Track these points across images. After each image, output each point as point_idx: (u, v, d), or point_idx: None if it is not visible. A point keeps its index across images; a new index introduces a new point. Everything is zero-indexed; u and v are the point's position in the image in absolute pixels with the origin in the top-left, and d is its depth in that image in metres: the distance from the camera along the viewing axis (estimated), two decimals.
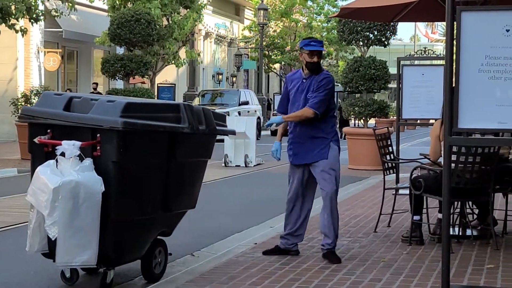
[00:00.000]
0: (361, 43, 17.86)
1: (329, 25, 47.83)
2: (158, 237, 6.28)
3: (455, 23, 5.24)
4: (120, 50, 25.62)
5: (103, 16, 26.90)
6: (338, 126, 37.85)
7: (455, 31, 5.23)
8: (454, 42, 5.25)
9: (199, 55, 30.08)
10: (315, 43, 6.93)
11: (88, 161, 5.59)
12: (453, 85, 5.24)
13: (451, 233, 7.25)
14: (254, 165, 17.51)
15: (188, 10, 26.84)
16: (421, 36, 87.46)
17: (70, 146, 5.55)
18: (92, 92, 25.89)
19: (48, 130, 5.88)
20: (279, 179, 14.95)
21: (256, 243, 7.66)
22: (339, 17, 12.88)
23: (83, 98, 6.01)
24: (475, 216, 8.52)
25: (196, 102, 29.56)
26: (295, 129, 7.00)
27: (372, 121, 25.92)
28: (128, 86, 22.15)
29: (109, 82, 29.75)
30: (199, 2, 27.49)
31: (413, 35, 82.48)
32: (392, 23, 17.43)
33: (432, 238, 7.76)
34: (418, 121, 13.53)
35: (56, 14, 21.25)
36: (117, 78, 21.49)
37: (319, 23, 49.96)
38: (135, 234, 5.93)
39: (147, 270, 6.19)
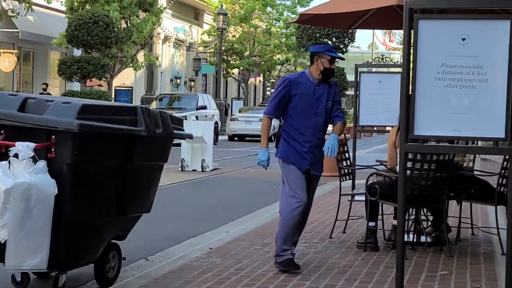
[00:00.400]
0: None
1: (288, 31, 48.05)
2: (112, 241, 6.21)
3: (412, 31, 5.28)
4: (78, 52, 25.44)
5: (61, 17, 26.68)
6: None
7: (412, 39, 5.27)
8: (411, 50, 5.29)
9: (157, 58, 30.02)
10: (335, 49, 6.74)
11: (42, 163, 5.51)
12: (410, 93, 5.27)
13: (405, 239, 7.29)
14: (211, 170, 17.47)
15: (147, 13, 26.76)
16: (379, 44, 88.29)
17: (24, 148, 5.47)
18: (41, 93, 25.62)
19: (2, 131, 5.79)
20: (236, 184, 14.96)
21: (211, 248, 7.63)
22: (298, 23, 12.93)
23: (39, 99, 5.92)
24: (429, 223, 8.59)
25: (153, 105, 29.39)
26: (314, 138, 6.70)
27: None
28: (85, 88, 22.01)
29: (65, 84, 29.50)
30: (158, 6, 27.42)
31: (371, 43, 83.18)
32: (350, 31, 17.59)
33: (387, 245, 7.80)
34: (375, 128, 13.60)
35: (13, 14, 21.03)
36: (74, 80, 21.33)
37: (278, 29, 50.18)
38: (89, 238, 5.86)
39: (100, 274, 6.11)
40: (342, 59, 6.90)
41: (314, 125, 6.68)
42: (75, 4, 24.18)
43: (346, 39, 17.83)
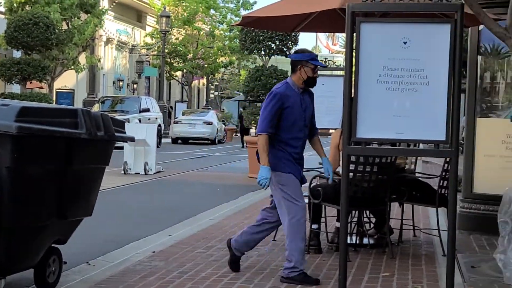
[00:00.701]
0: (263, 53, 17.98)
1: (231, 34, 48.05)
2: (53, 245, 6.11)
3: (354, 34, 5.31)
4: (17, 54, 25.03)
5: (0, 18, 26.22)
6: (240, 134, 37.73)
7: (354, 42, 5.30)
8: (354, 53, 5.31)
9: (99, 61, 29.72)
10: (316, 56, 6.61)
11: None
12: (352, 96, 5.30)
13: (348, 241, 7.33)
14: (154, 173, 17.35)
15: (89, 15, 26.48)
16: (322, 47, 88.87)
17: None
18: None
19: None
20: (179, 187, 14.89)
21: (154, 252, 7.56)
22: (241, 26, 12.91)
23: None
24: (372, 225, 8.65)
25: (95, 108, 29.10)
26: (302, 149, 6.58)
27: None
28: (25, 90, 21.66)
29: (5, 86, 29.00)
30: (100, 8, 27.15)
31: (315, 46, 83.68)
32: (293, 33, 17.62)
33: (330, 247, 7.83)
34: (319, 131, 13.65)
35: None
36: (13, 82, 20.98)
37: (222, 32, 50.15)
38: (29, 242, 5.75)
39: (40, 279, 6.01)
40: (325, 67, 6.81)
41: (304, 136, 6.55)
42: (15, 5, 23.79)
43: (290, 42, 17.87)
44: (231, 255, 6.77)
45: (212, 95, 63.81)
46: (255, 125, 18.51)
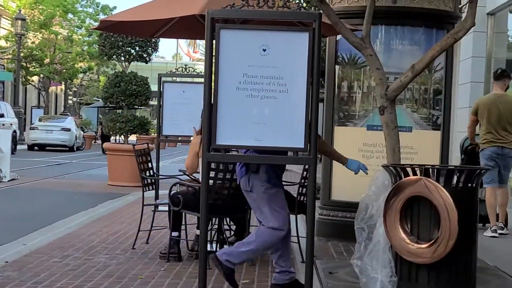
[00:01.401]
0: (122, 58, 17.74)
1: (90, 39, 47.18)
2: None
3: (214, 40, 5.29)
4: None
5: None
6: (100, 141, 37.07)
7: (214, 49, 5.28)
8: (213, 60, 5.29)
9: None
10: None
11: None
12: (212, 102, 5.28)
13: (208, 249, 7.31)
14: (8, 180, 16.77)
15: None
16: (183, 55, 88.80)
17: None
18: None
19: None
20: (34, 195, 14.45)
21: (7, 262, 7.28)
22: (99, 30, 12.67)
23: None
24: (232, 233, 8.66)
25: None
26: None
27: (133, 138, 25.84)
28: None
29: None
30: None
31: (176, 53, 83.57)
32: (154, 40, 17.48)
33: (190, 255, 7.78)
34: (180, 138, 13.59)
35: None
36: None
37: (80, 37, 49.19)
38: None
39: None
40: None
41: None
42: None
43: (150, 48, 17.71)
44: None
45: (70, 101, 62.48)
46: (114, 132, 18.24)
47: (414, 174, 6.14)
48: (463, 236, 5.94)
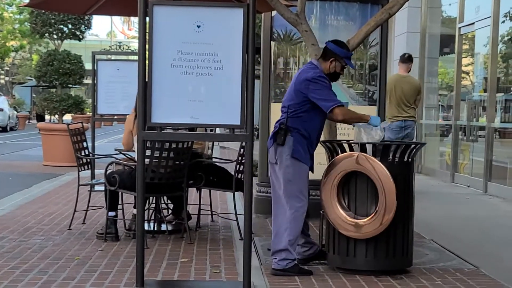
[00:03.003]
0: (55, 36, 17.43)
1: (22, 17, 46.20)
2: None
3: (148, 17, 5.21)
4: None
5: None
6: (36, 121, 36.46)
7: (148, 25, 5.20)
8: (147, 37, 5.22)
9: None
10: (350, 55, 6.35)
11: None
12: (147, 80, 5.21)
13: (146, 228, 7.26)
14: None
15: None
16: (118, 32, 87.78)
17: None
18: None
19: None
20: None
21: None
22: (30, 7, 12.42)
23: None
24: (170, 211, 8.62)
25: None
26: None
27: (68, 117, 25.47)
28: None
29: None
30: None
31: (110, 31, 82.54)
32: (87, 17, 17.21)
33: (128, 234, 7.71)
34: (115, 117, 13.44)
35: None
36: None
37: (11, 15, 48.17)
38: None
39: None
40: (354, 68, 6.63)
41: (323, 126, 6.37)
42: None
43: (83, 25, 17.42)
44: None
45: (2, 81, 61.32)
46: (48, 112, 17.94)
47: (351, 149, 6.18)
48: (400, 210, 6.02)
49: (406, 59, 11.64)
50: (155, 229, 7.88)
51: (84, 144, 8.50)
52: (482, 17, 12.92)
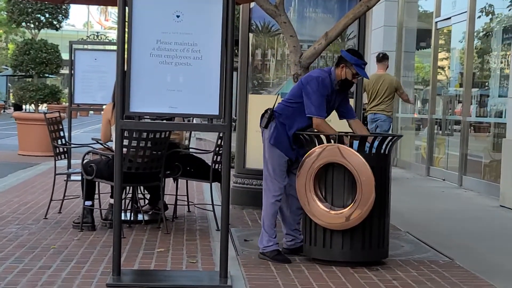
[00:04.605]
0: (32, 26, 17.32)
1: None
2: None
3: (127, 7, 5.21)
4: None
5: None
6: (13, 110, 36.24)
7: (127, 15, 5.20)
8: (126, 26, 5.21)
9: None
10: (364, 65, 6.37)
11: None
12: (126, 70, 5.20)
13: (122, 218, 7.25)
14: None
15: None
16: (95, 23, 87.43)
17: None
18: None
19: None
20: None
21: None
22: None
23: None
24: (146, 201, 8.61)
25: None
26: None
27: (44, 107, 25.32)
28: None
29: None
30: None
31: (87, 21, 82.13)
32: (64, 6, 17.11)
33: (104, 224, 7.70)
34: (92, 107, 13.40)
35: None
36: None
37: None
38: None
39: None
40: (368, 77, 6.73)
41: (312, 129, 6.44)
42: None
43: (60, 15, 17.32)
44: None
45: None
46: (24, 101, 17.83)
47: (328, 141, 6.21)
48: (377, 202, 6.05)
49: (381, 58, 12.69)
50: (132, 219, 7.88)
51: (61, 133, 8.47)
52: (459, 12, 13.00)
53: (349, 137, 6.20)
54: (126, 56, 5.22)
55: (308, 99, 6.27)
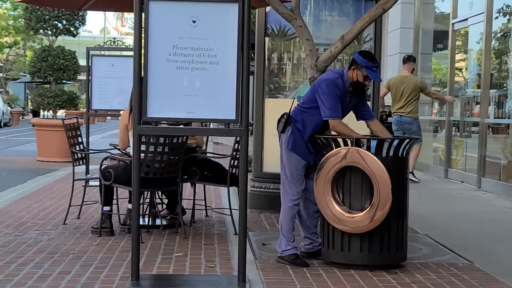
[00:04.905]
0: (49, 32, 17.41)
1: (16, 13, 46.09)
2: None
3: (143, 12, 5.23)
4: None
5: None
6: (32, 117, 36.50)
7: (143, 21, 5.22)
8: (143, 32, 5.24)
9: None
10: (376, 68, 6.37)
11: None
12: (142, 75, 5.22)
13: (141, 223, 7.28)
14: None
15: None
16: (111, 29, 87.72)
17: None
18: None
19: None
20: None
21: None
22: (24, 3, 12.41)
23: None
24: (164, 206, 8.63)
25: None
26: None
27: (62, 113, 25.44)
28: None
29: None
30: None
31: (103, 28, 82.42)
32: (81, 13, 17.19)
33: (123, 229, 7.72)
34: (109, 112, 13.46)
35: None
36: None
37: (6, 11, 48.04)
38: None
39: None
40: (380, 81, 6.77)
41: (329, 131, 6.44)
42: None
43: (77, 21, 17.40)
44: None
45: None
46: (42, 107, 17.92)
47: (345, 144, 6.20)
48: (395, 205, 6.04)
49: (406, 59, 12.92)
50: (150, 224, 7.90)
51: (79, 139, 8.51)
52: (476, 13, 12.95)
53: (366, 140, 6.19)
54: (142, 61, 5.24)
55: (322, 102, 6.28)
